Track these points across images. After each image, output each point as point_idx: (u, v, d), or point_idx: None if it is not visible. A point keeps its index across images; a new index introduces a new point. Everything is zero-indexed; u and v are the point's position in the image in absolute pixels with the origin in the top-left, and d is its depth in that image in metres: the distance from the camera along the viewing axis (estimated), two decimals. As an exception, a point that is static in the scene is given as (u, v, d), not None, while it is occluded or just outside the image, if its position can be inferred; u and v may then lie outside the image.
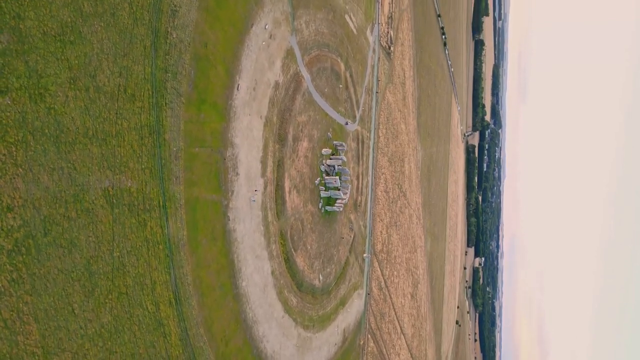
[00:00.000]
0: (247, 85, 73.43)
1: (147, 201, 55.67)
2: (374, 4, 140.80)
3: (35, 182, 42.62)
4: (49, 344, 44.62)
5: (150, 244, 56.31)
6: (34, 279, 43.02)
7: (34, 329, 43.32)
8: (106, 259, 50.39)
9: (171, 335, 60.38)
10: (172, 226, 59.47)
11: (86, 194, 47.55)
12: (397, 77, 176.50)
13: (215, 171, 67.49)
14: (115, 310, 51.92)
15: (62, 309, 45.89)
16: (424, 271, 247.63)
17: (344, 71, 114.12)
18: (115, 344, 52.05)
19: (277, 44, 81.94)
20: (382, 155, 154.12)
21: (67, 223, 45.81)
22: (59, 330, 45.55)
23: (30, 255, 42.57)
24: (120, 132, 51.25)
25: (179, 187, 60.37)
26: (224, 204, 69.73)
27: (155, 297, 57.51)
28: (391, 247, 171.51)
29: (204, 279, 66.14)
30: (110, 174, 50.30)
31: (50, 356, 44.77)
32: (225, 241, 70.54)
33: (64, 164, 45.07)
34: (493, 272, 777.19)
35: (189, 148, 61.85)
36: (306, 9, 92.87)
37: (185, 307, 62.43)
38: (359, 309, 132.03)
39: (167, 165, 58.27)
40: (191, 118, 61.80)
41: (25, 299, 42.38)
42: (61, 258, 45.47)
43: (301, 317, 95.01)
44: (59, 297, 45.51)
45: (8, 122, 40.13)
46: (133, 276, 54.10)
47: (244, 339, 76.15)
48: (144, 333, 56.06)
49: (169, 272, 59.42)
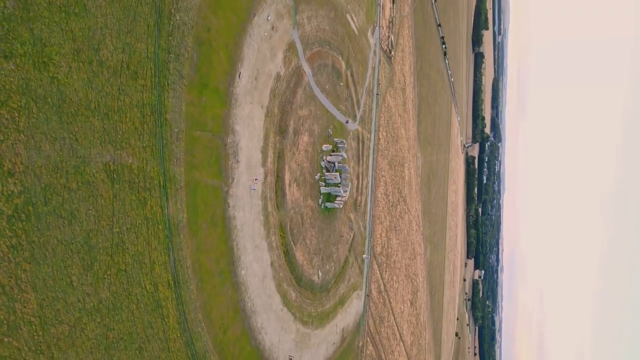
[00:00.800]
0: (248, 74, 73.94)
1: (148, 180, 55.73)
2: (375, 7, 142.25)
3: (37, 149, 42.75)
4: (46, 315, 44.36)
5: (150, 223, 56.25)
6: (33, 247, 42.92)
7: (32, 297, 43.11)
8: (106, 234, 50.30)
9: (169, 317, 60.00)
10: (172, 207, 59.45)
11: (87, 167, 47.65)
12: (397, 82, 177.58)
13: (216, 156, 67.65)
14: (113, 286, 51.68)
15: (61, 280, 45.70)
16: (423, 279, 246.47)
17: (345, 70, 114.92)
18: (113, 321, 51.71)
19: (279, 36, 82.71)
20: (382, 157, 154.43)
21: (68, 194, 45.84)
22: (56, 302, 45.31)
23: (30, 223, 42.54)
24: (122, 108, 51.52)
25: (180, 169, 60.47)
26: (224, 190, 69.76)
27: (154, 278, 57.27)
28: (391, 250, 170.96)
29: (203, 263, 65.90)
30: (112, 149, 50.45)
31: (47, 327, 44.47)
32: (225, 228, 70.43)
33: (65, 134, 45.25)
34: (493, 286, 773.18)
35: (190, 131, 62.09)
36: (308, 4, 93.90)
37: (184, 290, 62.12)
38: (358, 310, 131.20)
39: (168, 145, 58.45)
40: (193, 101, 62.15)
41: (24, 267, 42.25)
42: (61, 229, 45.41)
43: (300, 312, 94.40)
44: (58, 268, 45.36)
45: (11, 87, 40.39)
46: (132, 254, 53.94)
47: (242, 329, 75.61)
48: (142, 313, 55.72)
49: (168, 253, 59.25)
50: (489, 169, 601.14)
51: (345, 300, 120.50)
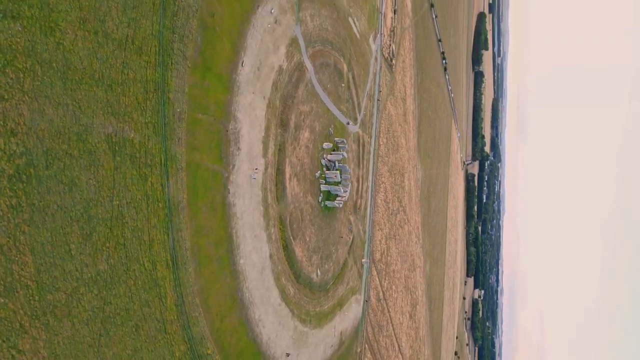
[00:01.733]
0: (251, 64, 74.74)
1: (149, 156, 55.92)
2: (377, 15, 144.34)
3: (40, 112, 43.04)
4: (43, 280, 44.08)
5: (150, 200, 56.24)
6: (32, 209, 42.89)
7: (30, 261, 42.91)
8: (106, 206, 50.27)
9: (167, 298, 59.51)
10: (172, 186, 59.50)
11: (89, 136, 47.88)
12: (398, 92, 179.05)
13: (217, 141, 67.95)
14: (112, 259, 51.42)
15: (59, 247, 45.53)
16: (422, 293, 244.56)
17: (347, 72, 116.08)
18: (110, 294, 51.32)
19: (282, 30, 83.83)
20: (383, 164, 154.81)
21: (69, 160, 45.98)
22: (54, 268, 45.06)
23: (31, 185, 42.58)
24: (126, 81, 51.99)
25: (181, 149, 60.70)
26: (225, 176, 69.86)
27: (152, 256, 56.99)
28: (390, 259, 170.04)
29: (202, 247, 65.63)
30: (114, 121, 50.76)
31: (44, 293, 44.14)
32: (225, 214, 70.33)
33: (69, 100, 45.59)
34: (493, 307, 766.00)
35: (193, 112, 62.51)
36: (311, 2, 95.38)
37: (182, 272, 61.75)
38: (356, 315, 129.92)
39: (170, 124, 58.79)
40: (196, 83, 62.72)
41: (23, 228, 42.15)
42: (61, 195, 45.43)
43: (298, 309, 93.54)
44: (57, 234, 45.23)
45: (17, 48, 40.88)
46: (131, 229, 53.81)
47: (239, 319, 74.87)
48: (140, 290, 55.30)
49: (167, 232, 59.09)
50: (488, 188, 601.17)
51: (344, 303, 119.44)
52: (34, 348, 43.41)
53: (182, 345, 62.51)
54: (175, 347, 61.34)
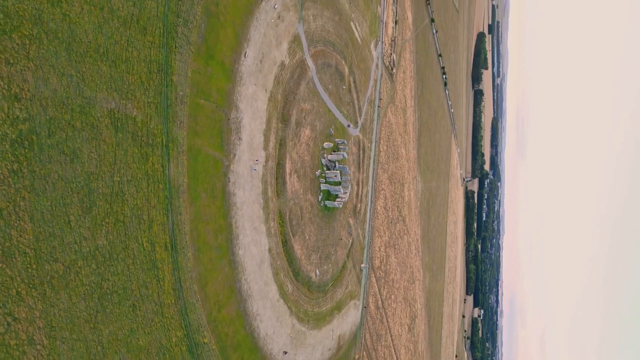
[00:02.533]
0: (254, 56, 75.52)
1: (151, 136, 56.16)
2: (378, 23, 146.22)
3: (45, 81, 43.40)
4: (41, 249, 43.89)
5: (150, 180, 56.29)
6: (33, 176, 42.93)
7: (29, 228, 42.80)
8: (106, 181, 50.32)
9: (165, 281, 59.10)
10: (173, 169, 59.60)
11: (92, 109, 48.18)
12: (399, 101, 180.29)
13: (219, 129, 68.27)
14: (111, 235, 51.25)
15: (59, 217, 45.45)
16: (422, 307, 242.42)
17: (348, 75, 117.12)
18: (108, 271, 51.01)
19: (284, 27, 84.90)
20: (383, 171, 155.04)
21: (71, 131, 46.18)
22: (53, 238, 44.91)
23: (33, 152, 42.72)
24: (130, 59, 52.52)
25: (182, 132, 60.97)
26: (225, 165, 70.00)
27: (151, 236, 56.79)
28: (389, 268, 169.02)
29: (202, 234, 65.41)
30: (117, 97, 51.12)
31: (42, 262, 43.92)
32: (225, 202, 70.26)
33: (73, 72, 46.01)
34: (492, 328, 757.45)
35: (195, 97, 62.97)
36: (314, 3, 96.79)
37: (181, 256, 61.44)
38: (354, 320, 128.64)
39: (173, 107, 59.16)
40: (199, 69, 63.31)
41: (23, 194, 42.14)
42: (62, 165, 45.52)
43: (296, 307, 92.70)
44: (57, 203, 45.20)
45: (24, 15, 41.43)
46: (131, 207, 53.75)
47: (237, 311, 74.17)
48: (138, 270, 54.97)
49: (167, 214, 58.98)
50: (488, 206, 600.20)
51: (342, 306, 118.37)
52: (30, 317, 43.00)
53: (178, 331, 61.85)
54: (172, 332, 60.69)
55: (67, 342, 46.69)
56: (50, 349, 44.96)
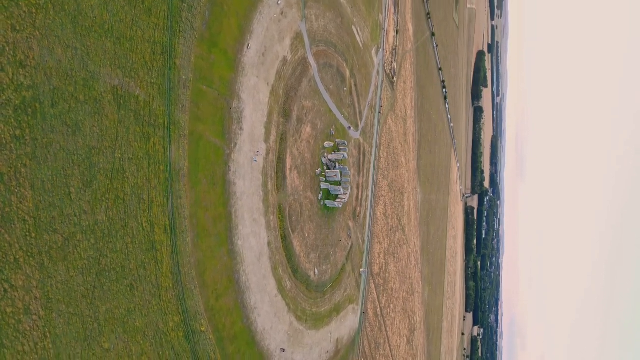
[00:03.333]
0: (257, 48, 76.34)
1: (153, 117, 56.48)
2: (380, 31, 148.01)
3: (50, 51, 43.86)
4: (41, 218, 43.82)
5: (151, 160, 56.43)
6: (35, 145, 43.09)
7: (29, 195, 42.81)
8: (107, 156, 50.47)
9: (163, 263, 58.79)
10: (174, 151, 59.79)
11: (96, 83, 48.57)
12: (399, 110, 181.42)
13: (221, 117, 68.66)
14: (110, 212, 51.20)
15: (59, 188, 45.47)
16: (421, 320, 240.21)
17: (349, 77, 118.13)
18: (107, 247, 50.83)
19: (287, 23, 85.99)
20: (383, 177, 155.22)
21: (75, 104, 46.50)
22: (53, 208, 44.87)
23: (36, 120, 42.95)
24: (134, 38, 53.13)
25: (185, 116, 61.31)
26: (226, 153, 70.20)
27: (151, 217, 56.70)
28: (388, 276, 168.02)
29: (201, 220, 65.28)
30: (121, 74, 51.57)
31: (41, 231, 43.81)
32: (225, 190, 70.27)
33: (78, 45, 46.52)
34: (492, 349, 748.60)
35: (198, 83, 63.47)
36: (317, 3, 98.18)
37: (180, 240, 61.24)
38: (353, 325, 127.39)
39: (175, 90, 59.61)
40: (202, 55, 63.96)
41: (25, 161, 42.24)
42: (64, 136, 45.72)
43: (294, 304, 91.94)
44: (58, 174, 45.26)
45: (32, -16, 42.10)
46: (132, 185, 53.79)
47: (235, 302, 73.58)
48: (137, 250, 54.75)
49: (167, 197, 58.97)
50: (488, 224, 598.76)
51: (341, 309, 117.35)
52: (27, 286, 42.73)
53: (175, 317, 61.31)
54: (169, 317, 60.15)
55: (63, 316, 46.29)
56: (47, 321, 44.56)
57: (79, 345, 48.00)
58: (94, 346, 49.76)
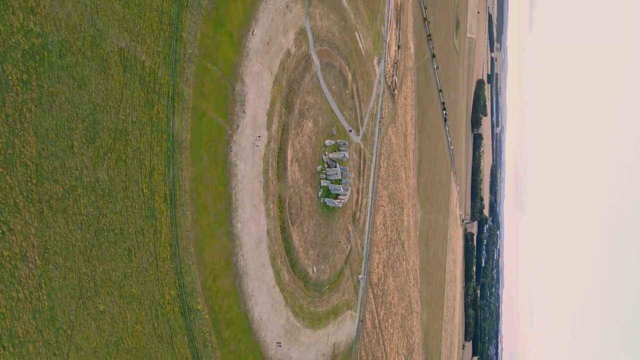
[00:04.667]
0: (261, 36, 77.76)
1: (157, 85, 57.17)
2: (382, 42, 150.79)
3: (60, 2, 44.79)
4: (43, 166, 43.94)
5: (154, 127, 56.83)
6: (41, 92, 43.56)
7: (32, 141, 43.03)
8: (111, 115, 50.89)
9: (162, 233, 58.47)
10: (177, 123, 60.24)
11: (103, 42, 49.40)
12: (400, 124, 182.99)
13: (224, 96, 69.41)
14: (112, 172, 51.29)
15: (63, 139, 45.72)
16: (419, 341, 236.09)
17: (351, 81, 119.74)
18: (106, 207, 50.71)
19: (292, 17, 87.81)
20: (383, 187, 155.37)
21: (82, 58, 47.20)
22: (55, 158, 45.02)
23: (43, 67, 43.55)
24: (142, 4, 54.29)
25: (188, 90, 62.02)
26: (228, 134, 70.67)
27: (151, 184, 56.73)
28: (387, 289, 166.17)
29: (201, 195, 65.22)
30: (128, 38, 52.49)
31: (42, 179, 43.85)
32: (226, 171, 70.42)
33: (88, 1, 47.52)
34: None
35: (202, 59, 64.45)
36: (321, 3, 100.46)
37: (179, 212, 61.06)
38: (350, 331, 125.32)
39: (180, 62, 60.52)
40: (208, 33, 65.15)
41: (30, 107, 42.62)
42: (70, 88, 46.23)
43: (292, 299, 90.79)
44: (62, 125, 45.59)
45: (46, -64, 43.35)
46: (134, 149, 54.03)
47: (232, 286, 72.74)
48: (136, 215, 54.58)
49: (168, 166, 59.13)
50: (487, 253, 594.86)
51: (339, 313, 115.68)
52: (25, 232, 42.50)
53: (172, 290, 60.57)
54: (166, 289, 59.44)
55: (60, 269, 45.83)
56: (43, 271, 44.11)
57: (74, 302, 47.36)
58: (89, 306, 49.06)
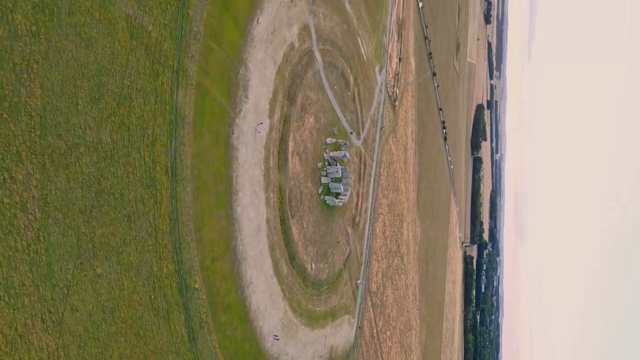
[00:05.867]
0: (266, 25, 79.17)
1: (163, 57, 57.99)
2: (383, 52, 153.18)
3: (71, -38, 45.92)
4: (47, 119, 44.29)
5: (158, 98, 57.38)
6: (49, 46, 44.22)
7: (38, 93, 43.49)
8: (117, 79, 51.50)
9: (162, 205, 58.39)
10: (180, 97, 60.84)
11: (111, 6, 50.35)
12: (400, 136, 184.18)
13: (227, 79, 70.26)
14: (115, 135, 51.61)
15: (68, 95, 46.20)
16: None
17: (353, 85, 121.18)
18: (108, 170, 50.85)
19: (296, 12, 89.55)
20: (383, 196, 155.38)
21: (90, 19, 48.04)
22: (59, 113, 45.41)
23: (52, 22, 44.31)
24: (151, -23, 55.55)
25: (193, 66, 62.85)
26: (231, 116, 71.24)
27: (153, 154, 56.96)
28: (385, 300, 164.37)
29: (202, 173, 65.35)
30: (135, 6, 53.51)
31: (45, 132, 44.15)
32: (227, 153, 70.71)
33: (98, -35, 48.72)
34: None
35: (208, 39, 65.50)
36: (325, 3, 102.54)
37: (180, 187, 61.10)
38: (348, 337, 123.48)
39: (186, 38, 61.51)
40: (214, 14, 66.39)
41: (37, 58, 43.22)
42: (77, 47, 46.93)
43: (290, 293, 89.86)
44: (67, 81, 46.12)
45: None
46: (137, 116, 54.47)
47: (230, 269, 72.16)
48: (137, 182, 54.64)
49: (170, 139, 59.45)
50: (487, 279, 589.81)
51: (337, 316, 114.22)
52: (27, 182, 42.57)
53: (170, 264, 60.11)
54: (164, 262, 59.00)
55: (59, 225, 45.68)
56: (42, 224, 43.98)
57: (71, 261, 47.02)
58: (87, 267, 48.69)
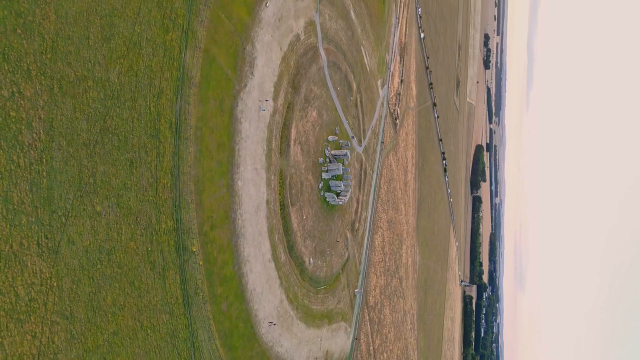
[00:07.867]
0: (274, 11, 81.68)
1: (174, 14, 59.69)
2: (386, 68, 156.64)
3: None
4: (58, 45, 45.36)
5: (167, 52, 58.66)
6: (66, -24, 45.79)
7: (52, 18, 44.76)
8: (128, 24, 52.89)
9: (164, 158, 58.60)
10: (188, 57, 62.15)
11: (128, -45, 52.42)
12: (401, 157, 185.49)
13: (234, 51, 71.88)
14: (122, 77, 52.51)
15: (80, 27, 47.41)
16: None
17: (356, 91, 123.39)
18: (114, 110, 51.47)
19: (303, 6, 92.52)
20: (383, 210, 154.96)
21: (107, -39, 49.94)
22: (70, 42, 46.50)
23: (70, -46, 46.10)
24: (167, -63, 57.99)
25: (202, 31, 64.52)
26: (236, 88, 72.41)
27: (158, 106, 57.69)
28: (383, 319, 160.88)
29: (205, 137, 65.82)
30: (151, -40, 55.64)
31: (56, 57, 45.13)
32: (231, 123, 71.42)
33: None
34: None
35: (217, 9, 67.53)
36: (331, 5, 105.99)
37: (182, 145, 61.47)
38: (344, 346, 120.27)
39: (197, 2, 63.46)
40: (224, -13, 68.78)
41: (54, -15, 44.65)
42: (93, -16, 48.57)
43: (287, 282, 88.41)
44: (81, 14, 47.45)
45: None
46: (145, 64, 55.55)
47: (228, 241, 71.43)
48: (141, 129, 55.14)
49: (176, 95, 60.33)
50: (486, 323, 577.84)
51: (333, 320, 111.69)
52: (34, 100, 43.15)
53: (169, 221, 59.70)
54: (163, 217, 58.63)
55: (62, 151, 45.91)
56: (45, 146, 44.24)
57: (72, 191, 46.93)
58: (86, 202, 48.50)
